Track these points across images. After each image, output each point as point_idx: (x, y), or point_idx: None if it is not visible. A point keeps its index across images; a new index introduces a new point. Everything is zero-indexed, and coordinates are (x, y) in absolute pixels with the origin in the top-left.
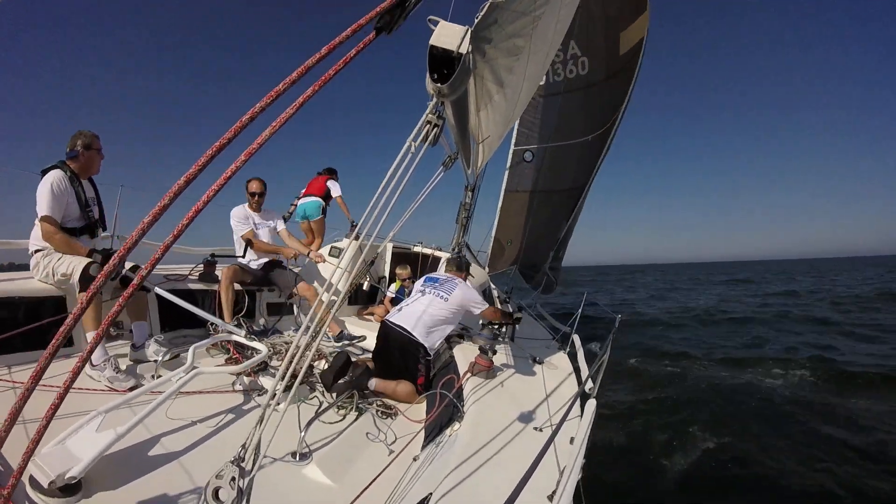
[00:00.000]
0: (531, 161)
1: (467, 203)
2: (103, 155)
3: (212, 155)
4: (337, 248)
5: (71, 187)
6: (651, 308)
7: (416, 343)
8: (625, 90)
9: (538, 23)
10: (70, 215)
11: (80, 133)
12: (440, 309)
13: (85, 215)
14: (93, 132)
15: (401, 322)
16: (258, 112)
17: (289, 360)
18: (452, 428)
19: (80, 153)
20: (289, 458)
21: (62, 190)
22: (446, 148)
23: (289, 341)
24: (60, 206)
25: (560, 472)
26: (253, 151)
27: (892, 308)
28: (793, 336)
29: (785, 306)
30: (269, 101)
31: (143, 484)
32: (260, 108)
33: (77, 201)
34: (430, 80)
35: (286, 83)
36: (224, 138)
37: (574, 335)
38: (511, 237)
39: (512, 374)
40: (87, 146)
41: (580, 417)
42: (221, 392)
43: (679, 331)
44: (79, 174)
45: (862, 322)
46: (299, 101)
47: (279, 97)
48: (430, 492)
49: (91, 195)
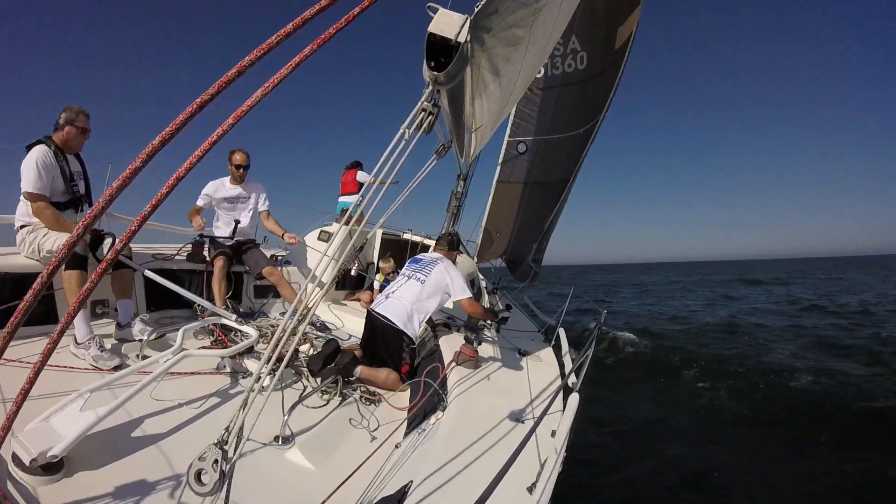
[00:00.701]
0: (524, 153)
1: (459, 192)
2: (88, 134)
3: (192, 113)
4: (326, 233)
5: (55, 162)
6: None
7: (399, 332)
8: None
9: (539, 14)
10: (54, 190)
11: (67, 108)
12: (418, 292)
13: (69, 190)
14: (81, 107)
15: (383, 311)
16: (246, 67)
17: (275, 344)
18: (436, 417)
19: (60, 126)
20: (271, 442)
21: (47, 164)
22: (440, 136)
23: (275, 324)
24: (47, 179)
25: (541, 464)
26: (241, 115)
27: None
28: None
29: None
30: (261, 53)
31: (125, 465)
32: (249, 62)
33: (62, 176)
34: (427, 67)
35: (279, 36)
36: (206, 95)
37: (560, 329)
38: (500, 227)
39: (497, 366)
40: (68, 121)
41: (563, 411)
42: (206, 374)
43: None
44: (63, 148)
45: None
46: (295, 60)
47: (271, 51)
48: (411, 480)
49: (77, 170)
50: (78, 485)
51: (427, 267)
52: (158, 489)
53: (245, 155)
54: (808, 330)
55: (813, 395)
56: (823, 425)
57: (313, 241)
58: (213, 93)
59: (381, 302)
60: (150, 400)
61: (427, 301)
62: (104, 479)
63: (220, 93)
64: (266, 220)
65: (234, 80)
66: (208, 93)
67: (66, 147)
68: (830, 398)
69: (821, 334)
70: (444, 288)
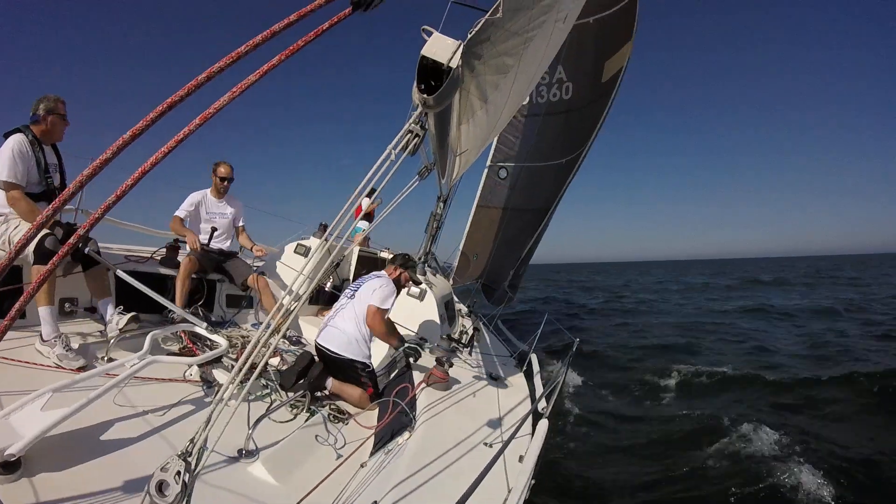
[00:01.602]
0: (505, 178)
1: (438, 213)
2: (68, 122)
3: (162, 111)
4: (303, 246)
5: (32, 152)
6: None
7: (348, 361)
8: (599, 117)
9: (529, 44)
10: (29, 180)
11: (45, 97)
12: (355, 310)
13: (44, 181)
14: (57, 96)
15: (325, 343)
16: (215, 73)
17: (247, 356)
18: (403, 437)
19: (41, 117)
20: (235, 455)
21: (24, 153)
22: (423, 158)
23: (245, 335)
24: (23, 169)
25: (508, 489)
26: (208, 116)
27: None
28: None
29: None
30: (230, 61)
31: (85, 469)
32: (219, 68)
33: (37, 166)
34: (417, 90)
35: (249, 46)
36: (176, 96)
37: (532, 354)
38: (478, 251)
39: (467, 388)
40: (49, 110)
41: (531, 436)
42: (172, 381)
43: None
44: (41, 139)
45: None
46: (263, 69)
47: (240, 59)
48: (375, 501)
49: (53, 161)
50: (35, 487)
51: (361, 283)
52: (118, 498)
53: (230, 168)
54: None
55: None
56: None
57: (289, 254)
58: (182, 94)
59: (322, 331)
60: (113, 405)
61: (363, 315)
62: (63, 482)
63: (189, 94)
64: (240, 235)
65: (202, 84)
66: (178, 94)
67: (46, 137)
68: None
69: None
70: (365, 297)
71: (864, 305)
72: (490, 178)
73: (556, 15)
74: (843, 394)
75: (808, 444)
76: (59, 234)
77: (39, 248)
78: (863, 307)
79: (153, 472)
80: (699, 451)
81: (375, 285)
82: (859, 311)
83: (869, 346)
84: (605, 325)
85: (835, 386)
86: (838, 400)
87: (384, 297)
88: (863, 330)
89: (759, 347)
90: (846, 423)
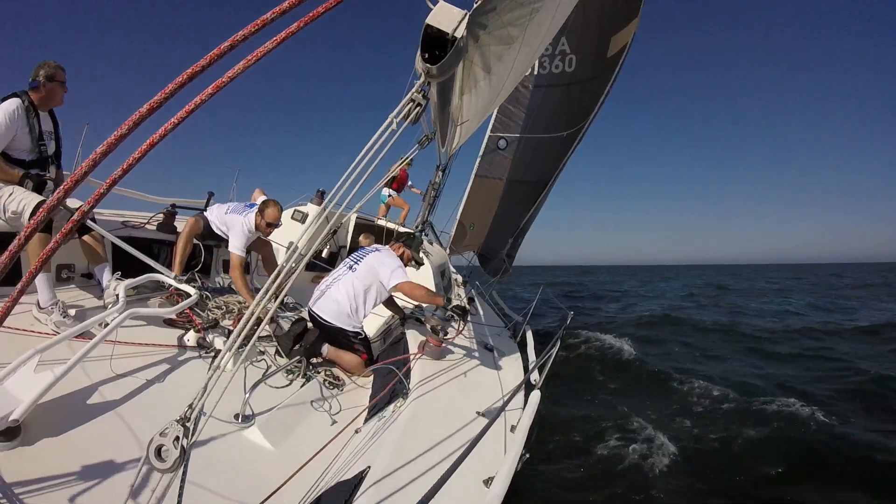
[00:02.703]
0: (504, 149)
1: (436, 183)
2: (66, 88)
3: (181, 83)
4: (300, 212)
5: (25, 118)
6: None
7: (340, 330)
8: (603, 91)
9: (535, 15)
10: (21, 147)
11: (44, 63)
12: (353, 284)
13: (37, 148)
14: (57, 62)
15: (319, 311)
16: (239, 41)
17: (245, 321)
18: (396, 405)
19: (41, 84)
20: (231, 420)
21: (13, 119)
22: (424, 127)
23: (242, 301)
24: (8, 134)
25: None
26: (221, 86)
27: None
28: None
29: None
30: (254, 30)
31: (83, 433)
32: (242, 36)
33: (30, 133)
34: (421, 59)
35: (275, 12)
36: (197, 66)
37: (526, 326)
38: (474, 221)
39: (462, 358)
40: (49, 77)
41: (523, 408)
42: (168, 346)
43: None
44: (38, 105)
45: None
46: (281, 36)
47: (260, 30)
48: (369, 466)
49: (48, 129)
50: (37, 452)
51: (365, 255)
52: (117, 462)
53: (279, 212)
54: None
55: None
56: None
57: (287, 219)
58: (204, 64)
59: (316, 298)
60: (109, 370)
61: (362, 289)
62: (62, 447)
63: (208, 67)
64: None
65: (225, 53)
66: (199, 64)
67: (43, 104)
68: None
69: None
70: (374, 275)
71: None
72: (489, 148)
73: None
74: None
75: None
76: (28, 186)
77: (35, 215)
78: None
79: (152, 437)
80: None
81: (384, 263)
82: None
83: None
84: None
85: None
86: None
87: (401, 271)
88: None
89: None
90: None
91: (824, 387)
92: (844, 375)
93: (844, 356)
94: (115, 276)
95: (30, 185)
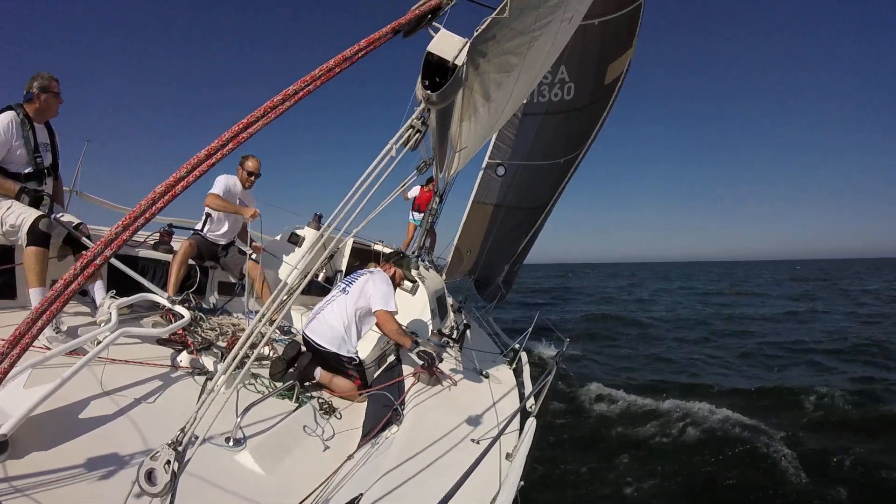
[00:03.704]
0: (502, 176)
1: (433, 209)
2: (62, 99)
3: (238, 132)
4: (296, 235)
5: (21, 130)
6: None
7: (335, 355)
8: (599, 118)
9: (534, 43)
10: (17, 160)
11: (38, 75)
12: (344, 305)
13: (33, 160)
14: (51, 74)
15: (312, 335)
16: (291, 94)
17: (242, 344)
18: (390, 431)
19: (35, 95)
20: (222, 443)
21: (7, 132)
22: (423, 153)
23: (237, 323)
24: (2, 148)
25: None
26: (275, 114)
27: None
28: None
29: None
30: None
31: (72, 450)
32: (293, 91)
33: (25, 145)
34: (422, 86)
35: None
36: (253, 116)
37: (522, 352)
38: (471, 247)
39: (456, 384)
40: (43, 88)
41: (519, 434)
42: (159, 365)
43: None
44: (33, 117)
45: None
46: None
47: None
48: (361, 493)
49: (44, 141)
50: (25, 467)
51: (357, 277)
52: (105, 481)
53: (258, 163)
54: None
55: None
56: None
57: (283, 243)
58: (258, 115)
59: (309, 321)
60: (99, 388)
61: (355, 312)
62: (51, 463)
63: (264, 115)
64: (243, 231)
65: (278, 105)
66: (254, 115)
67: (39, 116)
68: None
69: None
70: (364, 297)
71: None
72: (487, 174)
73: (562, 15)
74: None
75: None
76: (25, 201)
77: (33, 231)
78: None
79: (143, 461)
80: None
81: (375, 286)
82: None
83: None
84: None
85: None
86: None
87: (388, 299)
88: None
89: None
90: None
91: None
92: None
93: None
94: (109, 294)
95: (26, 200)
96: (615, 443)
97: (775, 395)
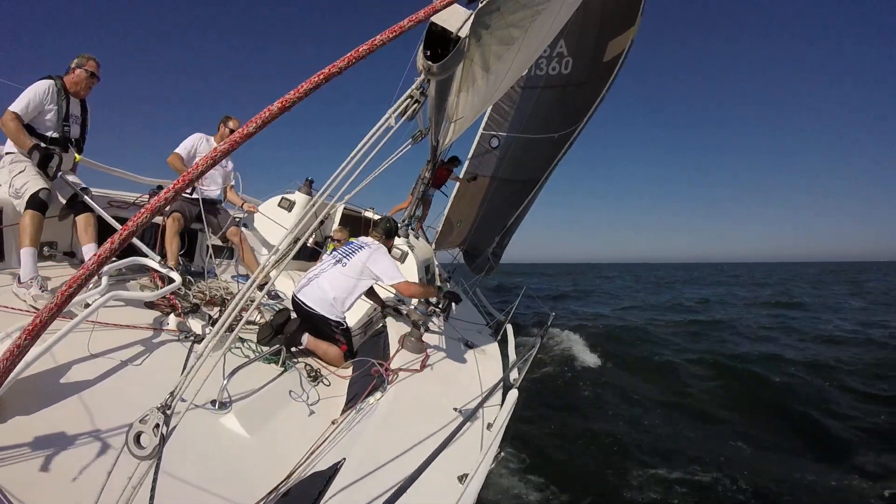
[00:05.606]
0: (496, 148)
1: (426, 177)
2: (97, 79)
3: (317, 83)
4: (287, 200)
5: (56, 98)
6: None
7: (323, 318)
8: (597, 96)
9: (538, 17)
10: (46, 124)
11: (81, 54)
12: (340, 277)
13: (60, 128)
14: (92, 56)
15: (303, 298)
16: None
17: (231, 310)
18: (375, 397)
19: (71, 69)
20: (208, 406)
21: (41, 96)
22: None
23: (226, 287)
24: (32, 108)
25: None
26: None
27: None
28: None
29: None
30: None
31: (58, 412)
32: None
33: (57, 113)
34: (423, 56)
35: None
36: (287, 100)
37: (507, 325)
38: (462, 218)
39: (441, 354)
40: (79, 64)
41: (500, 405)
42: (146, 328)
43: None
44: (69, 89)
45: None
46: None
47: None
48: (345, 457)
49: (76, 113)
50: (8, 430)
51: (354, 251)
52: (91, 444)
53: (238, 123)
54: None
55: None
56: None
57: (273, 207)
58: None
59: (302, 286)
60: (86, 351)
61: (348, 285)
62: (36, 426)
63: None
64: (229, 192)
65: (316, 86)
66: (331, 67)
67: (73, 89)
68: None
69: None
70: (367, 273)
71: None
72: (480, 146)
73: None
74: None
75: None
76: (35, 157)
77: (33, 198)
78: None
79: (132, 424)
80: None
81: (378, 263)
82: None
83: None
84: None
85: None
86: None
87: (395, 270)
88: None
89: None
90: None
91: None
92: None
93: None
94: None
95: (37, 156)
96: (601, 412)
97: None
